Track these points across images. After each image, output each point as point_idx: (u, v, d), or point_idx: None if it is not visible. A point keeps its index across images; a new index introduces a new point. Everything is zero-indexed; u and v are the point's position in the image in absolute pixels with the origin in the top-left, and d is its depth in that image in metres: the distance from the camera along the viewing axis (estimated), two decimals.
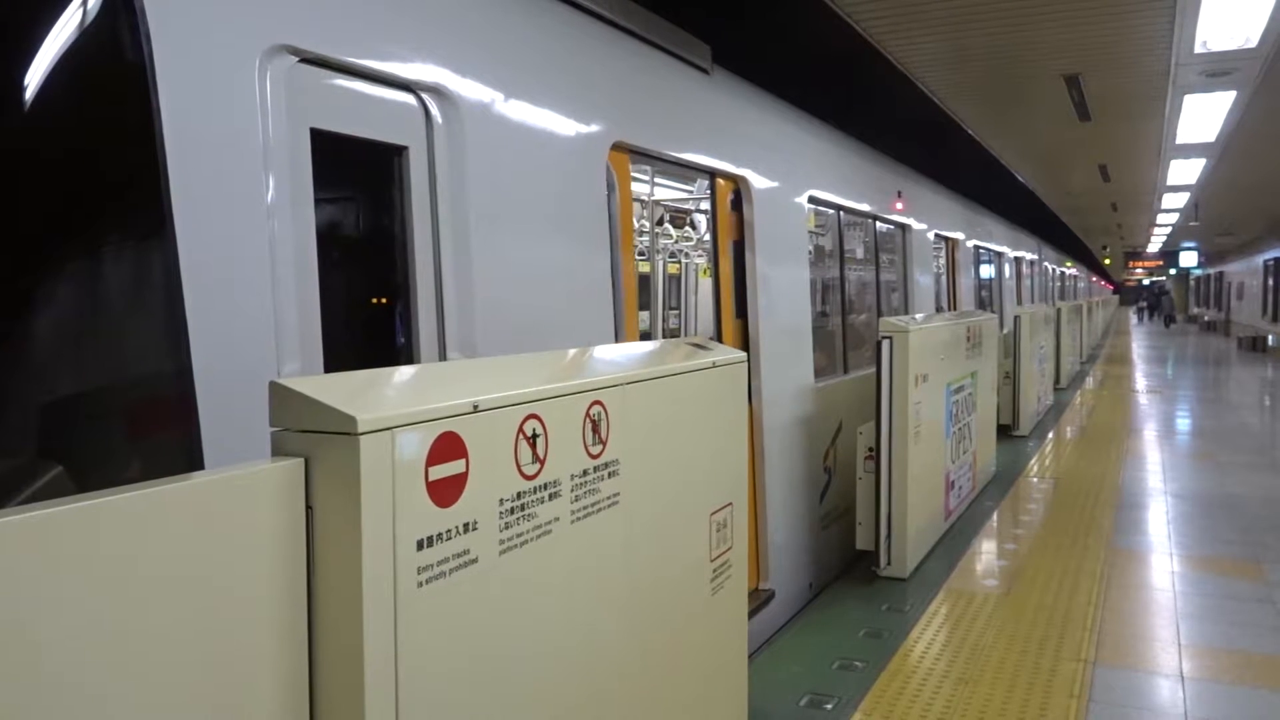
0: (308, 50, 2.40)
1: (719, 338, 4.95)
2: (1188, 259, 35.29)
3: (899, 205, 8.36)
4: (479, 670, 1.94)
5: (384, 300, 2.82)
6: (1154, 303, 46.09)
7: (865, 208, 7.38)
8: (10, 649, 1.23)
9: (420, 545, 1.76)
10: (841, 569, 6.27)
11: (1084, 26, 6.35)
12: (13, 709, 1.24)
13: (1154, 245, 34.43)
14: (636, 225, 4.67)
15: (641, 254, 4.99)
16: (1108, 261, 44.26)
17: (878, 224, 7.94)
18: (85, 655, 1.32)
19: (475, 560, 1.91)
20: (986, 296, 13.34)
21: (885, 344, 5.48)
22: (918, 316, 7.00)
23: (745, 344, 5.10)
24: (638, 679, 2.58)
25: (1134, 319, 49.30)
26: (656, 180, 6.27)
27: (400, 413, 1.71)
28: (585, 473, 2.30)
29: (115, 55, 2.01)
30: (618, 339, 3.88)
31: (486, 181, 2.99)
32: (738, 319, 5.11)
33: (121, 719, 1.36)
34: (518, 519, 2.04)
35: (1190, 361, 22.31)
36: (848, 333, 7.12)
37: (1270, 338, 24.61)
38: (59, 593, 1.28)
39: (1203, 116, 9.25)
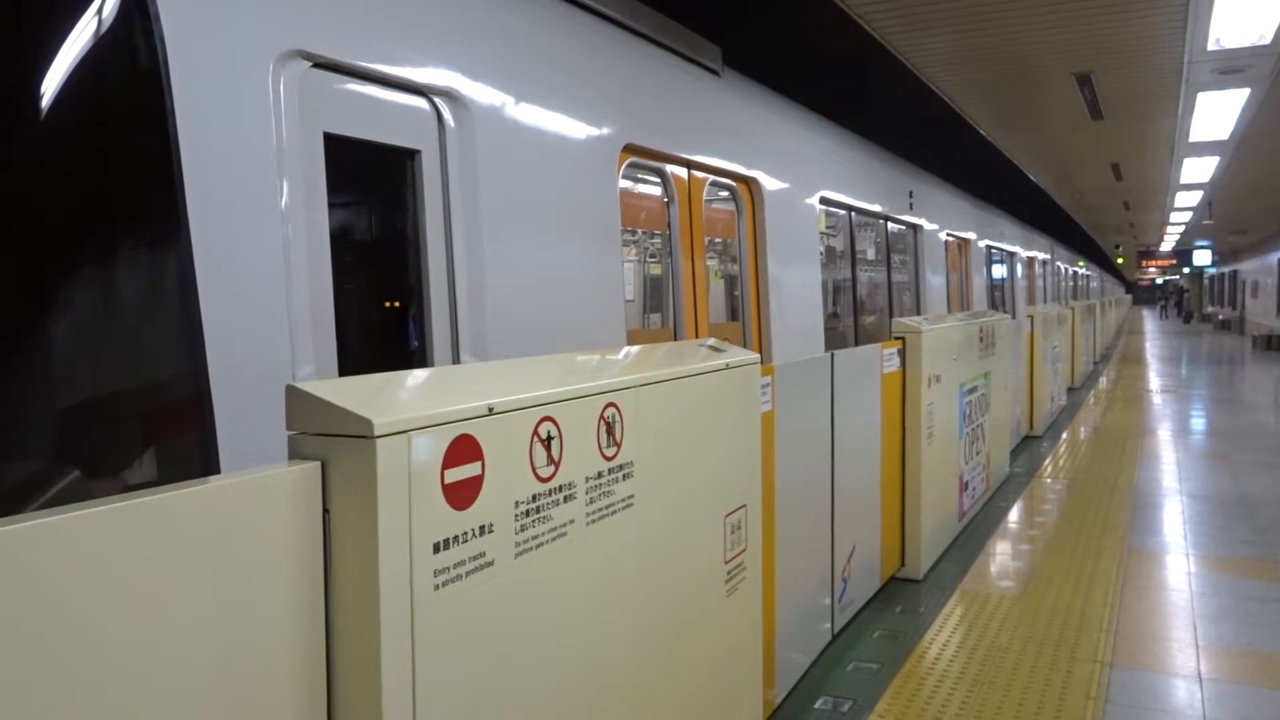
0: (321, 55, 2.40)
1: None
2: (1201, 257, 35.07)
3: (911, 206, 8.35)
4: (495, 672, 1.94)
5: (398, 303, 2.83)
6: (1177, 299, 54.19)
7: (877, 208, 7.36)
8: (30, 651, 1.24)
9: (437, 548, 1.76)
10: None
11: (1095, 25, 6.32)
12: (33, 710, 1.24)
13: (1167, 244, 34.23)
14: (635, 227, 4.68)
15: (653, 255, 4.98)
16: (1121, 260, 44.09)
17: (889, 224, 7.91)
18: (104, 658, 1.32)
19: (491, 563, 1.91)
20: (999, 297, 13.29)
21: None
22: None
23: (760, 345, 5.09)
24: (652, 681, 2.57)
25: (1156, 314, 56.49)
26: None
27: (416, 416, 1.72)
28: (600, 475, 2.30)
29: (130, 60, 2.01)
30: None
31: (498, 184, 2.99)
32: (731, 322, 5.10)
33: (141, 719, 1.37)
34: (533, 521, 2.04)
35: (1204, 361, 22.16)
36: (859, 333, 7.10)
37: None
38: (78, 596, 1.29)
39: (1216, 114, 9.19)
